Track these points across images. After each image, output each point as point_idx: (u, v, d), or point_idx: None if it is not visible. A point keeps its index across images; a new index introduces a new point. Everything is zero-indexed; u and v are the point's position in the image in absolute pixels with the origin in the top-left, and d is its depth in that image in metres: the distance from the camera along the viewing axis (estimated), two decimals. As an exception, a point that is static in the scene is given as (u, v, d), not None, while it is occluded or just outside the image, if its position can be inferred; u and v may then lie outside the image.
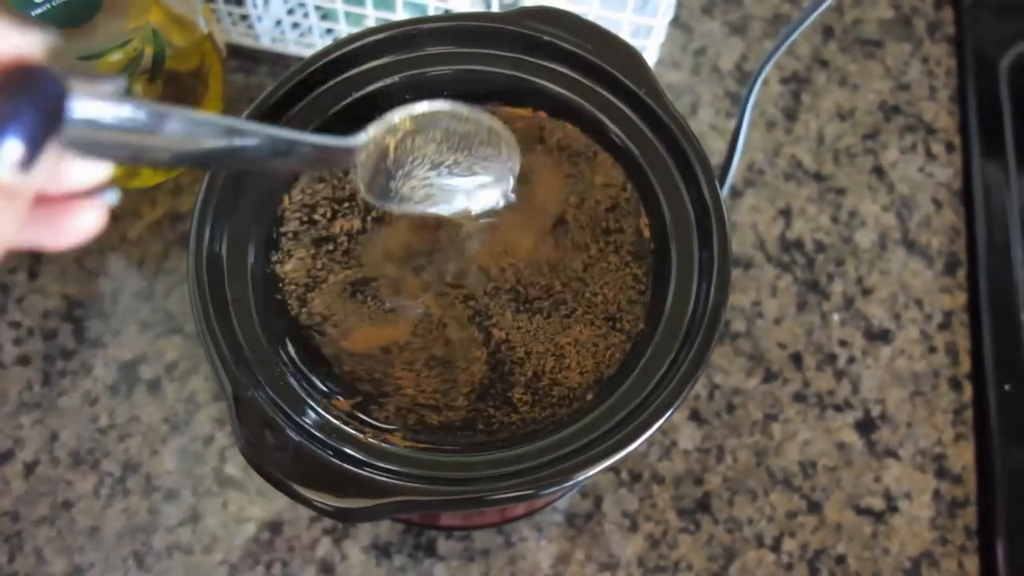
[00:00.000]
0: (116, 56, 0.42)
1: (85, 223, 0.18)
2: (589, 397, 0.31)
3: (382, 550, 0.43)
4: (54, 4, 0.38)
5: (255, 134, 0.22)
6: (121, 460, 0.45)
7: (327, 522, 0.44)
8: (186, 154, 0.20)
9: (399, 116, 0.28)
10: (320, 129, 0.34)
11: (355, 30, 0.40)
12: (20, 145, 0.15)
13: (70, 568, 0.43)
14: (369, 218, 0.33)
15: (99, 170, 0.17)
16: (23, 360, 0.47)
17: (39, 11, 0.38)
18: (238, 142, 0.21)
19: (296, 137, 0.25)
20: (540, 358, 0.32)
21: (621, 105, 0.34)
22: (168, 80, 0.46)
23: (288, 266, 0.33)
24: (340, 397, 0.31)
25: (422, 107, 0.28)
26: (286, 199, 0.34)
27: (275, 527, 0.44)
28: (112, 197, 0.18)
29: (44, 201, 0.17)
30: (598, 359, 0.32)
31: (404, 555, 0.43)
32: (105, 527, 0.43)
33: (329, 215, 0.34)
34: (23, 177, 0.15)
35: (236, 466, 0.45)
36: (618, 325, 0.32)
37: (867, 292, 0.50)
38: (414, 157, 0.29)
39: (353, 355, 0.31)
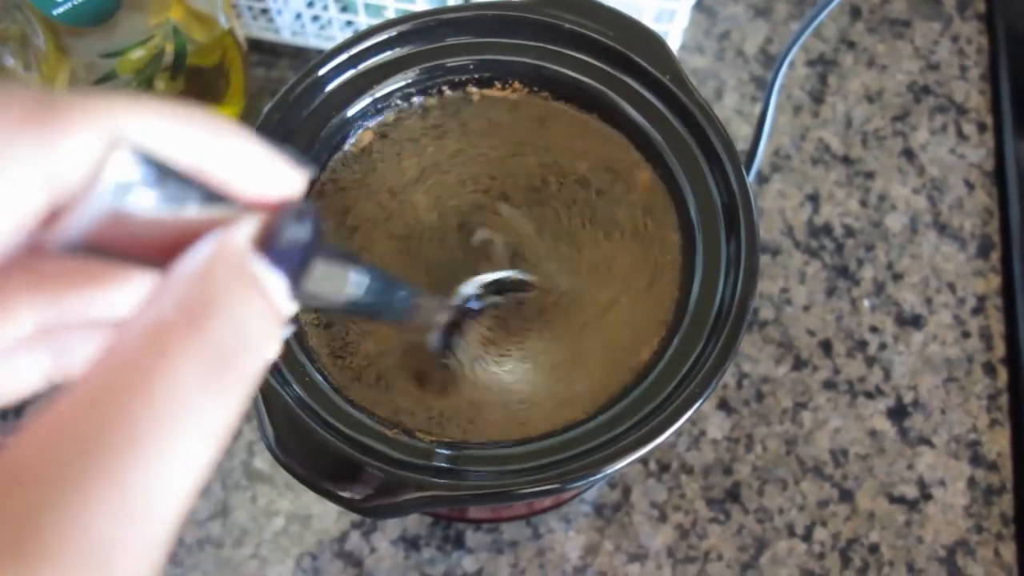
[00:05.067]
0: (138, 53, 0.42)
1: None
2: (616, 389, 0.31)
3: (410, 543, 0.43)
4: (75, 2, 0.38)
5: (406, 295, 0.23)
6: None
7: (355, 515, 0.44)
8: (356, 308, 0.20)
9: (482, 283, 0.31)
10: (340, 123, 0.34)
11: (375, 22, 0.40)
12: (285, 282, 0.15)
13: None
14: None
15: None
16: (53, 357, 0.47)
17: (61, 10, 0.38)
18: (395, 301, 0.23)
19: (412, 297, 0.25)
20: (566, 351, 0.31)
21: (645, 92, 0.34)
22: (190, 76, 0.46)
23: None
24: (365, 394, 0.31)
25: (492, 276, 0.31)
26: (312, 193, 0.34)
27: (304, 520, 0.44)
28: (290, 330, 0.18)
29: None
30: (625, 350, 0.31)
31: (433, 548, 0.43)
32: (137, 522, 0.44)
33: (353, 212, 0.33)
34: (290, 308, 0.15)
35: (264, 460, 0.45)
36: (645, 315, 0.32)
37: (898, 277, 0.49)
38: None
39: (376, 351, 0.31)
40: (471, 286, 0.31)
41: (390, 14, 0.49)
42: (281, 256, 0.15)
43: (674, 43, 0.51)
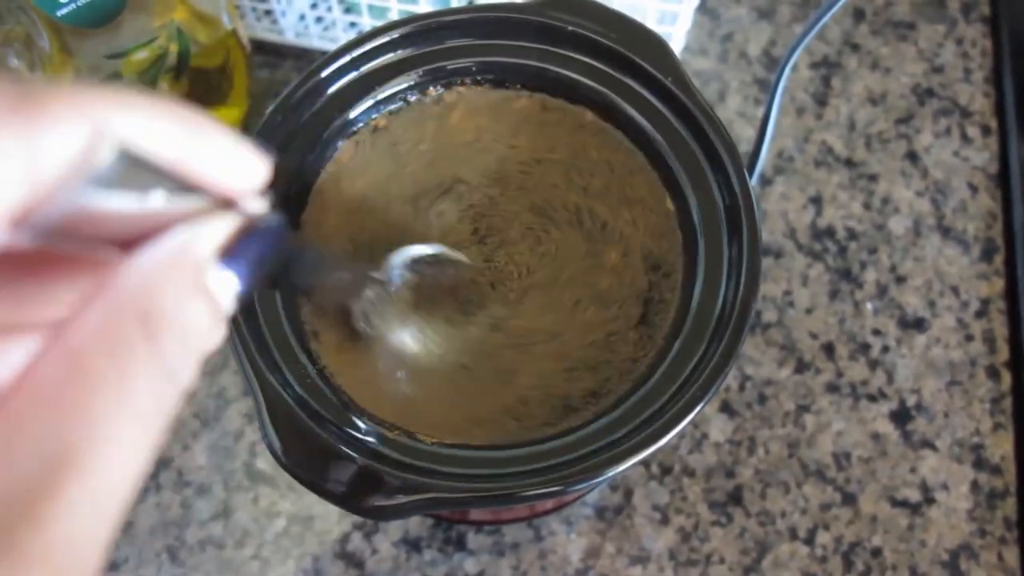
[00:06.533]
0: (142, 54, 0.42)
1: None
2: (618, 392, 0.31)
3: (412, 544, 0.43)
4: (79, 4, 0.39)
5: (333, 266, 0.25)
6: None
7: (357, 517, 0.44)
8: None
9: (409, 255, 0.31)
10: (342, 125, 0.34)
11: (379, 23, 0.40)
12: (238, 281, 0.16)
13: (105, 563, 0.43)
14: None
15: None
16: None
17: (65, 11, 0.39)
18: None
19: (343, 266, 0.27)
20: (568, 353, 0.31)
21: (647, 94, 0.34)
22: (193, 77, 0.46)
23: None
24: (366, 395, 0.31)
25: (420, 250, 0.31)
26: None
27: (306, 521, 0.44)
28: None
29: None
30: (627, 354, 0.31)
31: (434, 549, 0.43)
32: (138, 522, 0.44)
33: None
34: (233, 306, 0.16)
35: (266, 461, 0.45)
36: (647, 318, 0.32)
37: (901, 280, 0.49)
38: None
39: (377, 352, 0.31)
40: (399, 257, 0.31)
41: (394, 15, 0.49)
42: (241, 262, 0.16)
43: (677, 45, 0.51)
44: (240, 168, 0.16)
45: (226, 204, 0.16)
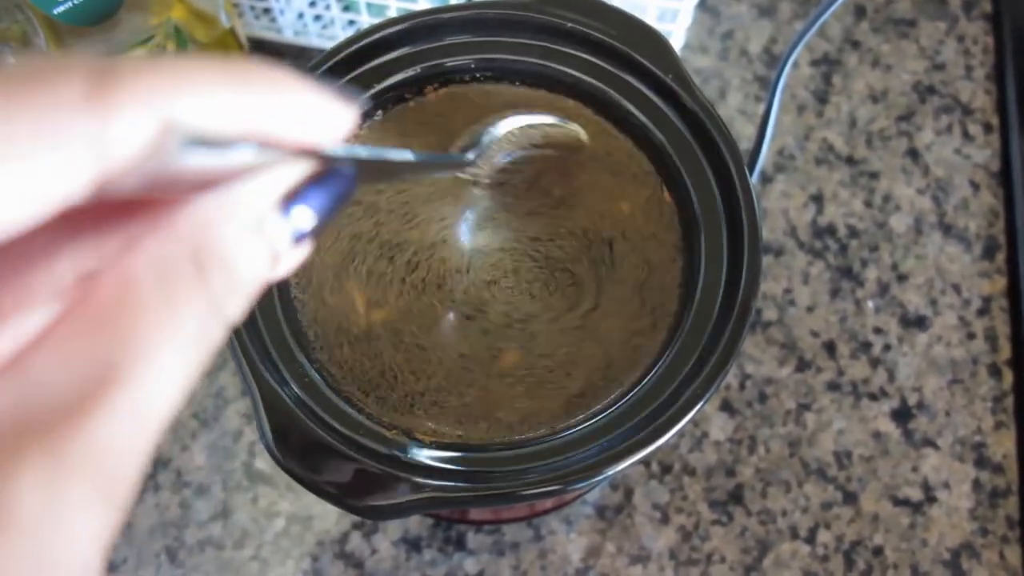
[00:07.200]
0: (139, 53, 0.42)
1: (300, 251, 0.18)
2: (617, 390, 0.30)
3: (412, 544, 0.43)
4: (76, 2, 0.38)
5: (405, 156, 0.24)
6: (151, 456, 0.45)
7: (356, 517, 0.44)
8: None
9: (509, 127, 0.31)
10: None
11: (377, 20, 0.40)
12: (313, 218, 0.16)
13: (103, 564, 0.43)
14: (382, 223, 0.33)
15: None
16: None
17: (61, 9, 0.38)
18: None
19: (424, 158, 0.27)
20: (567, 352, 0.31)
21: (647, 92, 0.33)
22: (191, 75, 0.46)
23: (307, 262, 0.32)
24: (364, 394, 0.30)
25: (527, 119, 0.32)
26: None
27: (305, 522, 0.44)
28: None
29: None
30: (626, 352, 0.31)
31: (434, 549, 0.43)
32: (137, 523, 0.44)
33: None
34: (300, 248, 0.16)
35: (265, 461, 0.45)
36: (646, 317, 0.31)
37: (902, 278, 0.49)
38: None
39: (375, 351, 0.31)
40: (500, 127, 0.31)
41: (392, 13, 0.48)
42: (307, 207, 0.16)
43: (677, 42, 0.50)
44: (324, 123, 0.16)
45: (305, 151, 0.16)
